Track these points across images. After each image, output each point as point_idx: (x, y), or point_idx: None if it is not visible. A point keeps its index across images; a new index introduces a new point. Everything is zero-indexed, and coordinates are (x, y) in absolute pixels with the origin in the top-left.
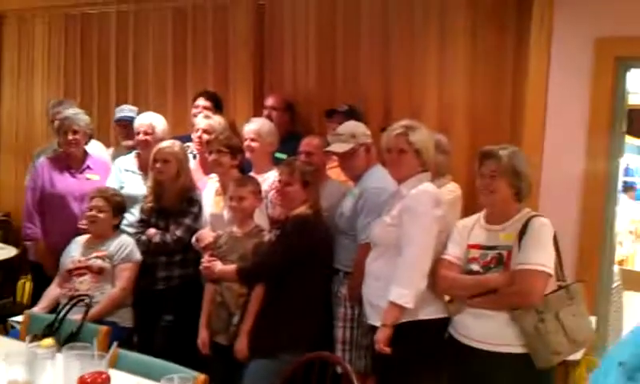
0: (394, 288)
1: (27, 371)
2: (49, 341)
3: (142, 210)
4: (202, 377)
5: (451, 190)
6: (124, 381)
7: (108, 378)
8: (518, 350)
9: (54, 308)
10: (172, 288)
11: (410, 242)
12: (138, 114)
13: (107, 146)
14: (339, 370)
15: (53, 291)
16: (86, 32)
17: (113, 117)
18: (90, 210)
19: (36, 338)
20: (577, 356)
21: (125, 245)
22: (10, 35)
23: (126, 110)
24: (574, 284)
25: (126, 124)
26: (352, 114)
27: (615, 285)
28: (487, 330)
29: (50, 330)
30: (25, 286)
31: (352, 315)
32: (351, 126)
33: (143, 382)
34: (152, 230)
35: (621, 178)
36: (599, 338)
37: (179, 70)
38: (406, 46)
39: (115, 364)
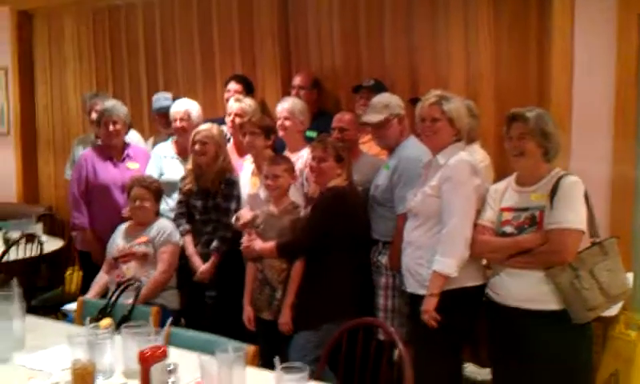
0: (438, 258)
1: (89, 351)
2: (107, 321)
3: (181, 191)
4: (252, 348)
5: (480, 160)
6: (179, 355)
7: (165, 351)
8: (554, 306)
9: (104, 294)
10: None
11: (451, 213)
12: (172, 100)
13: (141, 134)
14: (381, 336)
15: (101, 278)
16: (114, 24)
17: (145, 106)
18: (134, 200)
19: (92, 321)
20: (613, 311)
21: (164, 228)
22: (40, 32)
23: (161, 100)
24: (607, 240)
25: (164, 113)
26: (378, 88)
27: None
28: (523, 289)
29: (103, 315)
30: (72, 276)
31: (393, 283)
32: (385, 97)
33: (198, 356)
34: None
35: None
36: (636, 293)
37: (207, 56)
38: (429, 18)
39: (168, 342)
